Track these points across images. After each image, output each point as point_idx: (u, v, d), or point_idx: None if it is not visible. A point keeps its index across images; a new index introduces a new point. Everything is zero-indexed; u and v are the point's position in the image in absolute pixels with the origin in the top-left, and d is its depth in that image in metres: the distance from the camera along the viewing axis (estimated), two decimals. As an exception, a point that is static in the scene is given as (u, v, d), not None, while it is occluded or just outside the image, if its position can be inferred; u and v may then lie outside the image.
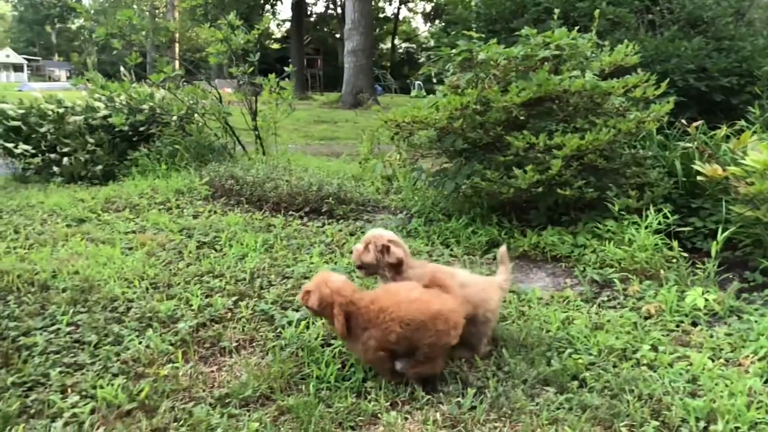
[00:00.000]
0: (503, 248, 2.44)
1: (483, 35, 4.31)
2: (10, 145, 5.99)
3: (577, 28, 4.23)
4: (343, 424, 1.80)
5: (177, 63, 7.75)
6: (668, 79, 3.95)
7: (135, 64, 5.94)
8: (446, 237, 3.78)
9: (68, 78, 46.67)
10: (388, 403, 1.91)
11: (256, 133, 6.61)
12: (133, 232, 3.93)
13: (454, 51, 4.23)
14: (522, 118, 3.74)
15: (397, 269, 2.27)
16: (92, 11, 6.05)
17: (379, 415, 1.84)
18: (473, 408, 1.88)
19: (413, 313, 1.94)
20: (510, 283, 2.46)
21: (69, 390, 1.94)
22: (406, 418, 1.84)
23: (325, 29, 43.79)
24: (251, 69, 6.42)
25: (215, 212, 4.44)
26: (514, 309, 2.67)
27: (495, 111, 3.74)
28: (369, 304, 2.00)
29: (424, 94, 4.43)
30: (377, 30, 38.42)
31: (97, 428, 1.74)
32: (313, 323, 2.46)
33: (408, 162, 4.80)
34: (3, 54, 53.24)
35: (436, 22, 46.86)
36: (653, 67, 5.11)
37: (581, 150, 3.56)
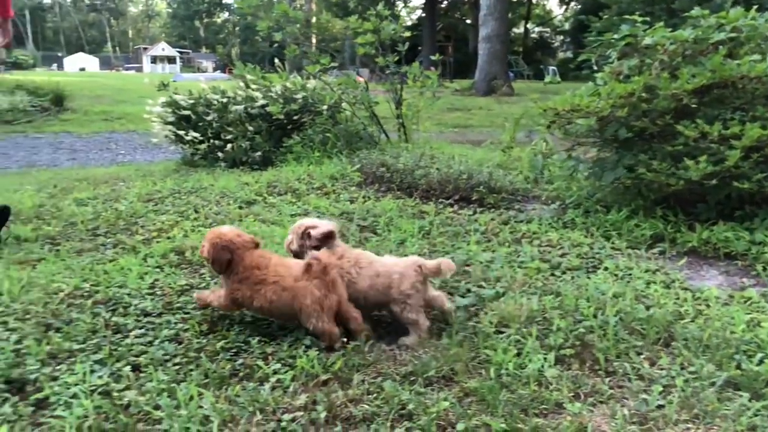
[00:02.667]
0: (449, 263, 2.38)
1: (648, 19, 4.11)
2: (182, 133, 6.56)
3: (755, 7, 3.92)
4: (527, 410, 1.83)
5: (291, 48, 8.02)
6: None
7: (294, 56, 6.26)
8: (606, 229, 3.68)
9: (215, 69, 50.05)
10: (571, 394, 1.91)
11: (400, 121, 6.76)
12: (297, 214, 4.18)
13: (616, 36, 4.08)
14: (693, 106, 3.54)
15: (326, 245, 2.44)
16: (251, 6, 6.41)
17: (563, 405, 1.86)
18: (660, 407, 1.85)
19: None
20: (434, 267, 2.36)
21: (270, 357, 2.13)
22: (591, 411, 1.84)
23: (456, 15, 43.45)
24: (397, 58, 6.57)
25: (369, 198, 4.62)
26: (691, 307, 2.56)
27: (662, 99, 3.57)
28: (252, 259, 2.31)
29: (559, 80, 4.32)
30: (510, 14, 37.62)
31: (300, 393, 1.90)
32: (482, 309, 2.51)
33: (560, 151, 4.72)
34: (159, 47, 57.91)
35: (572, 5, 44.97)
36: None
37: (761, 140, 3.32)
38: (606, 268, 3.07)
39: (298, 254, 2.53)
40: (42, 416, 1.78)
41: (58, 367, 2.04)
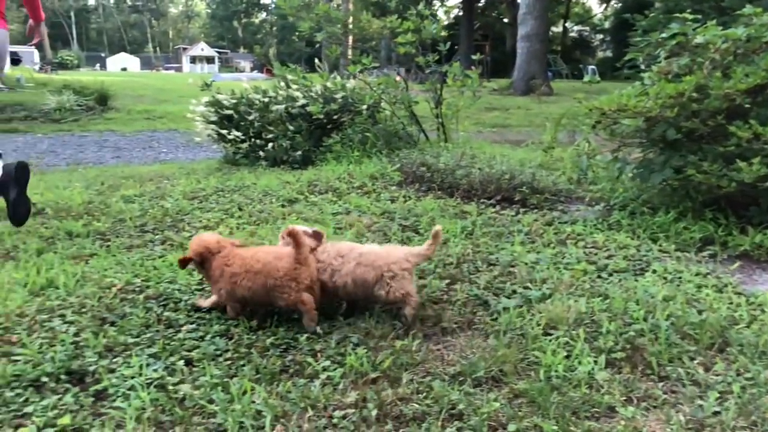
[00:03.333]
0: (438, 228, 2.51)
1: (699, 16, 4.02)
2: (224, 132, 6.67)
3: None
4: (578, 413, 1.81)
5: (350, 52, 8.07)
6: None
7: (336, 56, 6.30)
8: (653, 231, 3.61)
9: (252, 69, 50.70)
10: (623, 398, 1.89)
11: (440, 120, 6.75)
12: (339, 213, 4.21)
13: (664, 35, 4.00)
14: (747, 106, 3.45)
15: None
16: (292, 7, 6.48)
17: (615, 408, 1.83)
18: (717, 413, 1.81)
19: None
20: (425, 257, 2.52)
21: (318, 354, 2.15)
22: (645, 415, 1.81)
23: (494, 14, 43.15)
24: (437, 58, 6.56)
25: (409, 197, 4.62)
26: (745, 312, 2.50)
27: (714, 99, 3.49)
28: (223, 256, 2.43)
29: (598, 79, 4.26)
30: (549, 13, 37.18)
31: (350, 391, 1.91)
32: (529, 311, 2.49)
33: (603, 152, 4.65)
34: (198, 48, 58.85)
35: (612, 3, 44.22)
36: None
37: (819, 142, 3.22)
38: (654, 271, 3.01)
39: None
40: (101, 407, 1.83)
41: (114, 360, 2.10)
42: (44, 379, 1.95)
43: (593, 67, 32.64)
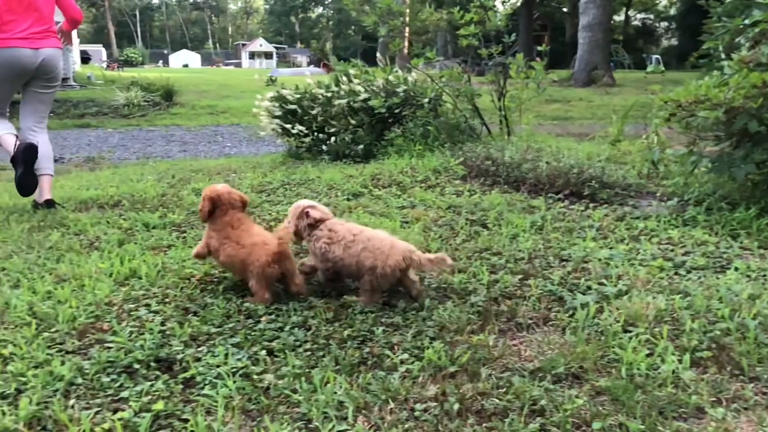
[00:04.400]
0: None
1: (782, 2, 3.83)
2: (288, 126, 6.78)
3: None
4: (664, 413, 1.77)
5: (407, 45, 8.05)
6: None
7: (398, 50, 6.31)
8: (733, 228, 3.48)
9: (308, 63, 51.26)
10: (712, 399, 1.83)
11: (503, 113, 6.67)
12: (404, 207, 4.23)
13: (747, 21, 3.84)
14: (838, 96, 3.28)
15: (312, 228, 2.70)
16: (355, 2, 6.52)
17: (704, 409, 1.78)
18: (814, 416, 1.74)
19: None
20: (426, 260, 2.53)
21: (396, 347, 2.17)
22: (736, 417, 1.76)
23: (553, 3, 42.24)
24: (500, 50, 6.47)
25: (475, 192, 4.59)
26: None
27: (802, 89, 3.33)
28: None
29: (662, 69, 4.11)
30: (612, 1, 36.12)
31: (429, 384, 1.93)
32: (606, 307, 2.44)
33: (674, 145, 4.51)
34: (257, 43, 59.87)
35: (678, -12, 42.56)
36: None
37: None
38: (736, 269, 2.90)
39: (296, 233, 2.76)
40: (190, 394, 1.90)
41: (199, 349, 2.17)
42: (136, 366, 2.04)
43: (657, 56, 31.57)
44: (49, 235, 3.64)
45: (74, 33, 21.55)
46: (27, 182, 4.36)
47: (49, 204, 4.40)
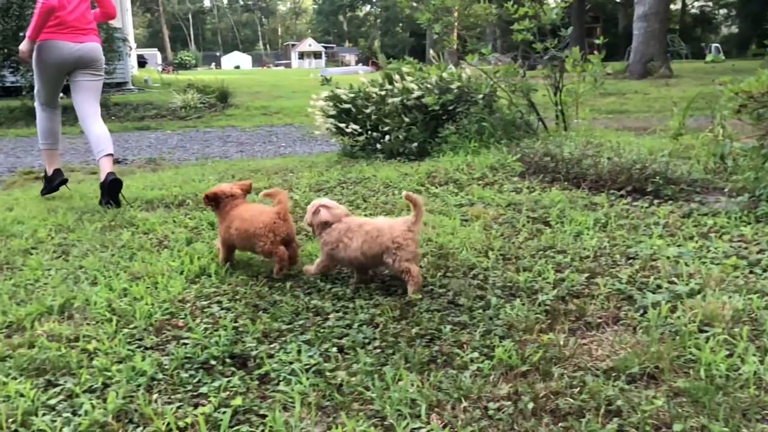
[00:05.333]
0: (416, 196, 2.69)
1: None
2: (342, 125, 6.84)
3: None
4: (747, 414, 1.72)
5: (452, 39, 7.98)
6: None
7: (451, 47, 6.28)
8: (810, 224, 3.34)
9: (357, 62, 51.56)
10: (799, 402, 1.77)
11: (560, 108, 6.56)
12: (462, 205, 4.22)
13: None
14: None
15: (323, 228, 2.82)
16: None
17: (791, 412, 1.72)
18: None
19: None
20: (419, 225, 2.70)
21: (465, 346, 2.18)
22: (825, 421, 1.69)
23: (606, -6, 41.19)
24: (555, 44, 6.37)
25: (534, 189, 4.54)
26: None
27: None
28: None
29: (722, 58, 3.95)
30: (667, -10, 35.07)
31: (501, 383, 1.92)
32: (680, 307, 2.38)
33: (743, 139, 4.35)
34: (306, 43, 60.52)
35: (739, -27, 40.91)
36: None
37: None
38: (816, 267, 2.79)
39: (311, 227, 2.92)
40: (266, 390, 1.95)
41: (271, 346, 2.22)
42: (212, 362, 2.10)
43: (717, 45, 30.46)
44: (120, 234, 3.78)
45: (131, 38, 22.32)
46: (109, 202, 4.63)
47: (114, 182, 4.60)
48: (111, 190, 4.59)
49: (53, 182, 5.08)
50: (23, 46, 4.70)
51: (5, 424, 1.76)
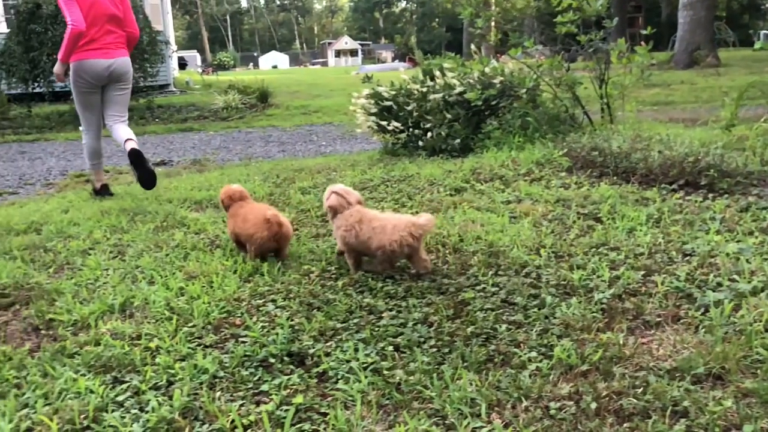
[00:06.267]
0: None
1: None
2: (384, 123, 6.85)
3: None
4: (821, 417, 1.67)
5: (492, 33, 7.88)
6: None
7: (493, 40, 6.23)
8: None
9: (393, 59, 51.50)
10: None
11: (605, 101, 6.44)
12: (510, 201, 4.18)
13: None
14: None
15: (334, 214, 3.04)
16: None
17: None
18: None
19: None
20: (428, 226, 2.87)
21: (522, 345, 2.16)
22: None
23: (648, -18, 40.21)
24: (599, 36, 6.25)
25: (582, 184, 4.47)
26: None
27: None
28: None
29: None
30: (712, -23, 34.03)
31: (561, 383, 1.90)
32: (744, 305, 2.32)
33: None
34: (342, 41, 60.77)
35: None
36: None
37: None
38: None
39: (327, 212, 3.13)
40: (325, 388, 1.97)
41: (328, 344, 2.24)
42: (271, 360, 2.14)
43: (766, 32, 29.46)
44: (172, 234, 3.87)
45: (172, 40, 22.76)
46: (145, 178, 5.02)
47: (135, 153, 4.97)
48: (136, 160, 4.98)
49: (102, 196, 5.41)
50: (57, 69, 5.07)
51: (78, 419, 1.82)
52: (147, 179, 5.01)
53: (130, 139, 5.05)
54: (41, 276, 3.16)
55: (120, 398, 1.94)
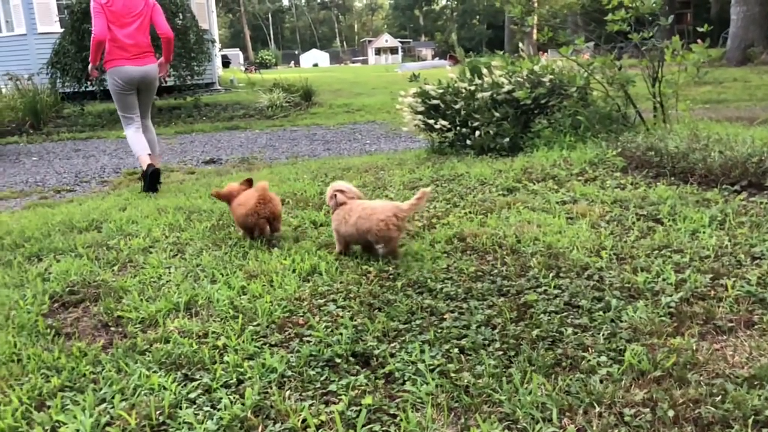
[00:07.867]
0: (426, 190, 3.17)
1: None
2: (431, 121, 6.83)
3: None
4: None
5: (535, 32, 7.77)
6: None
7: (546, 39, 6.15)
8: None
9: (433, 56, 51.33)
10: None
11: (659, 100, 6.29)
12: (565, 202, 4.12)
13: None
14: None
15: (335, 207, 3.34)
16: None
17: None
18: None
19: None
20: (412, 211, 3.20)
21: (590, 349, 2.13)
22: None
23: (696, -22, 39.13)
24: (652, 34, 6.11)
25: (638, 184, 4.38)
26: None
27: None
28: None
29: None
30: (765, -31, 32.79)
31: (634, 389, 1.87)
32: (821, 312, 2.24)
33: None
34: (382, 39, 60.84)
35: None
36: None
37: None
38: None
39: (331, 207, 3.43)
40: (392, 389, 1.98)
41: (392, 345, 2.25)
42: (336, 360, 2.15)
43: (823, 26, 28.26)
44: (229, 233, 3.93)
45: (216, 38, 23.15)
46: (148, 190, 5.79)
47: (154, 173, 5.75)
48: (152, 178, 5.74)
49: (147, 173, 5.82)
50: (89, 69, 5.93)
51: (154, 415, 1.87)
52: (149, 190, 5.75)
53: (151, 155, 5.88)
54: (106, 273, 3.25)
55: (192, 395, 1.98)
